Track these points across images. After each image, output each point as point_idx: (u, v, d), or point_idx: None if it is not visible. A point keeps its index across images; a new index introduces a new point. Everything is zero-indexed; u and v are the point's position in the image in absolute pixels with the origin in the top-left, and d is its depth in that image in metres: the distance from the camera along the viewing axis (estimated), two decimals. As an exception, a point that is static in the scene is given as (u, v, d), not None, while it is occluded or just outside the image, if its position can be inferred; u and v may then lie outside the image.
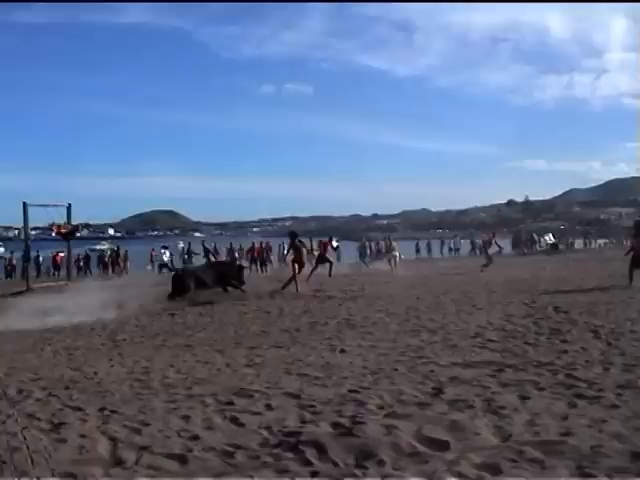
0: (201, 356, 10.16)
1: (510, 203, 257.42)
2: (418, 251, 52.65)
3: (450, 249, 56.74)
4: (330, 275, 27.56)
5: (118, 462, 5.14)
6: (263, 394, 7.12)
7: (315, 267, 28.08)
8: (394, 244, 35.86)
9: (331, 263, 29.50)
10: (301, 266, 21.61)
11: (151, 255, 42.93)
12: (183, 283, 20.11)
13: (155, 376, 8.59)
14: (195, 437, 5.65)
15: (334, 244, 34.66)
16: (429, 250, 53.83)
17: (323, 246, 32.49)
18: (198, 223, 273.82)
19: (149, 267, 42.47)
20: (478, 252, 57.45)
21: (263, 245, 42.76)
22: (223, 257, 41.06)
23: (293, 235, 22.83)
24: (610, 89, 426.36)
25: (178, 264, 37.51)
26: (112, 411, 6.71)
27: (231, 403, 6.81)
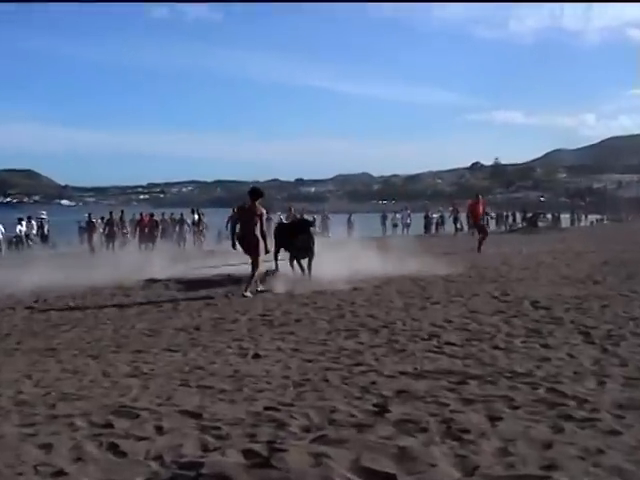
0: (69, 363, 10.01)
1: (475, 167, 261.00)
2: (351, 227, 51.76)
3: (395, 225, 56.44)
4: (479, 250, 28.25)
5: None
6: (152, 413, 7.05)
7: (482, 238, 29.00)
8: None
9: (485, 233, 29.70)
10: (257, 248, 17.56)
11: None
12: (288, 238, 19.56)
13: (5, 391, 8.41)
14: (59, 473, 5.54)
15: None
16: (349, 225, 52.69)
17: (472, 209, 30.91)
18: (66, 187, 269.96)
19: None
20: (434, 229, 57.92)
21: (164, 218, 43.56)
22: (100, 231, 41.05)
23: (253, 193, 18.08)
24: (610, 18, 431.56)
25: None
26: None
27: (109, 425, 6.71)
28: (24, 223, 41.54)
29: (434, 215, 61.03)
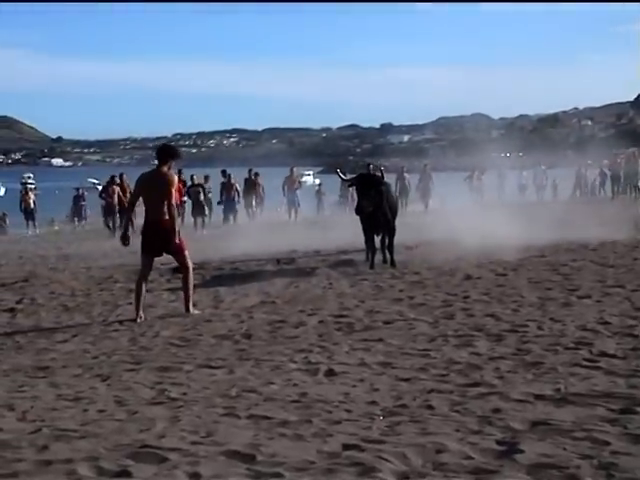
0: (68, 387, 10.05)
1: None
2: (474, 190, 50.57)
3: (523, 187, 55.78)
4: None
5: None
6: (185, 454, 7.08)
7: None
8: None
9: None
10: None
11: None
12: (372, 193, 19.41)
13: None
14: None
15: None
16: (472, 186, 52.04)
17: None
18: (59, 141, 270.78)
19: None
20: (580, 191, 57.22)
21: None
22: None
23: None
24: None
25: None
26: None
27: (125, 474, 6.74)
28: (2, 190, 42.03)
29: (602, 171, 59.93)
